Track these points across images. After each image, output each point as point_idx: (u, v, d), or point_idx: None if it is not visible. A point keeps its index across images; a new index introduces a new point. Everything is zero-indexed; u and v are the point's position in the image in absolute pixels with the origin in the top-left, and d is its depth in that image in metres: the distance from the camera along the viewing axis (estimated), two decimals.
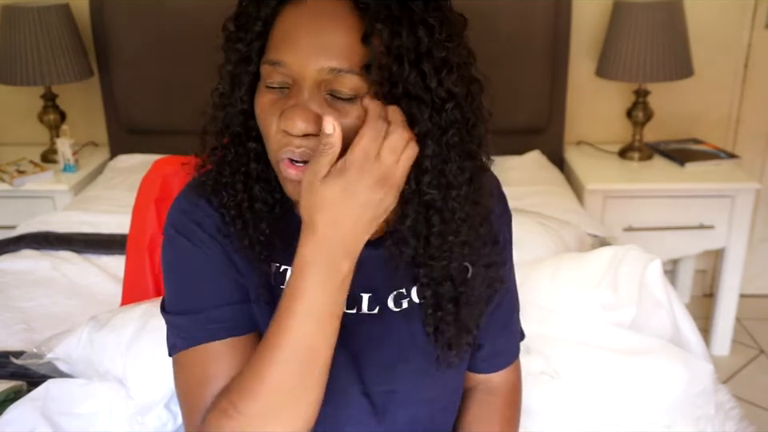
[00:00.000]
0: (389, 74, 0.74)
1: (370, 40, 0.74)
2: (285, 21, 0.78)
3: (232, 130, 0.85)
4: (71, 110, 2.62)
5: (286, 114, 0.76)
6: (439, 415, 0.98)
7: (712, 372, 1.36)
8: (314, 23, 0.76)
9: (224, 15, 0.84)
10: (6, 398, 1.32)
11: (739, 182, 2.38)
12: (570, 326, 1.42)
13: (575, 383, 1.31)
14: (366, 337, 0.90)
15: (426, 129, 0.77)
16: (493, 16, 2.44)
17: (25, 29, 2.34)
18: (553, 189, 2.37)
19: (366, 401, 0.91)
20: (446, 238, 0.83)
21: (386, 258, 0.86)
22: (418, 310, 0.91)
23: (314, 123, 0.75)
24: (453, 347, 0.90)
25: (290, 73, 0.77)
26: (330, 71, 0.75)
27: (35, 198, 2.41)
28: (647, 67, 2.35)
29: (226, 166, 0.86)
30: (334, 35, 0.75)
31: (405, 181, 0.77)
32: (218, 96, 0.85)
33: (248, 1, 0.81)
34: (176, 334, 0.87)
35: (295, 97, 0.76)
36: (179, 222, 0.88)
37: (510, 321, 1.05)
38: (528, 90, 2.53)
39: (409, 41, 0.74)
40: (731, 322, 2.55)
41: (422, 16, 0.75)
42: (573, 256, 1.63)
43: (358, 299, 0.90)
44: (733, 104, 2.71)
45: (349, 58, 0.75)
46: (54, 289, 1.80)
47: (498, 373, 1.05)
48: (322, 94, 0.76)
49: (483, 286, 0.90)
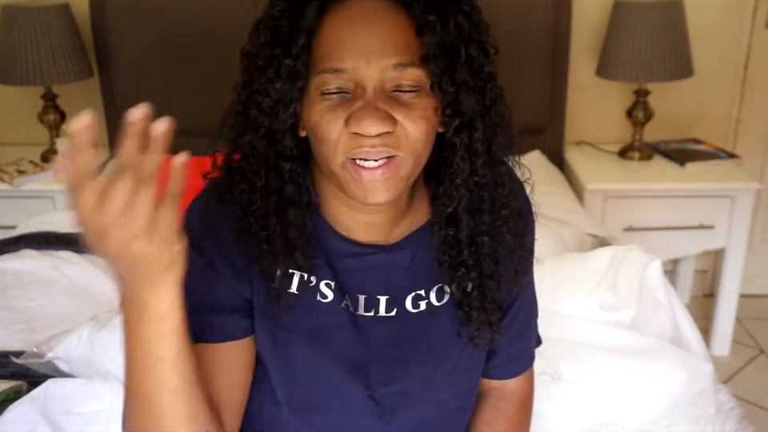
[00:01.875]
0: (444, 63, 0.77)
1: (424, 32, 0.76)
2: (332, 28, 0.77)
3: (261, 152, 0.82)
4: (71, 110, 2.62)
5: (358, 116, 0.75)
6: (451, 417, 0.98)
7: (712, 372, 1.36)
8: (368, 24, 0.76)
9: (224, 15, 0.83)
10: (6, 398, 1.32)
11: (739, 182, 2.38)
12: (570, 326, 1.42)
13: (575, 383, 1.31)
14: (382, 338, 0.89)
15: (474, 111, 0.80)
16: (493, 16, 2.41)
17: (25, 29, 2.34)
18: (553, 189, 2.37)
19: (376, 401, 0.90)
20: (499, 213, 0.85)
21: (432, 248, 0.88)
22: (437, 311, 0.91)
23: (388, 121, 0.76)
24: (482, 335, 0.91)
25: (352, 77, 0.76)
26: (394, 67, 0.76)
27: (35, 197, 2.41)
28: (647, 67, 2.35)
29: (256, 194, 0.83)
30: (390, 33, 0.76)
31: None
32: (251, 116, 0.81)
33: (280, 14, 0.78)
34: None
35: (361, 98, 0.76)
36: (197, 230, 0.85)
37: (527, 328, 1.04)
38: (528, 89, 2.52)
39: (455, 29, 0.77)
40: (731, 322, 2.55)
41: (458, 4, 0.78)
42: (573, 256, 1.63)
43: (375, 302, 0.89)
44: (733, 104, 2.71)
45: (408, 52, 0.76)
46: (53, 289, 1.80)
47: (511, 380, 1.04)
48: (386, 93, 0.77)
49: (520, 261, 0.91)
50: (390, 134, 0.77)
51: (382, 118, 0.75)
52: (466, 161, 0.82)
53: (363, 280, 0.89)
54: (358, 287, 0.89)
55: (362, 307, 0.89)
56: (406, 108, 0.77)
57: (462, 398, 0.99)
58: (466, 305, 0.89)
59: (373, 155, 0.77)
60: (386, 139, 0.77)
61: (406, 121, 0.77)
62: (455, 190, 0.84)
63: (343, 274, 0.88)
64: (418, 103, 0.78)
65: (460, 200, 0.84)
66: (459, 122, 0.80)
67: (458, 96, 0.78)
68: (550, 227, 1.89)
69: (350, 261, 0.89)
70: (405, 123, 0.77)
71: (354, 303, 0.89)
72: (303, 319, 0.87)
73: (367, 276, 0.89)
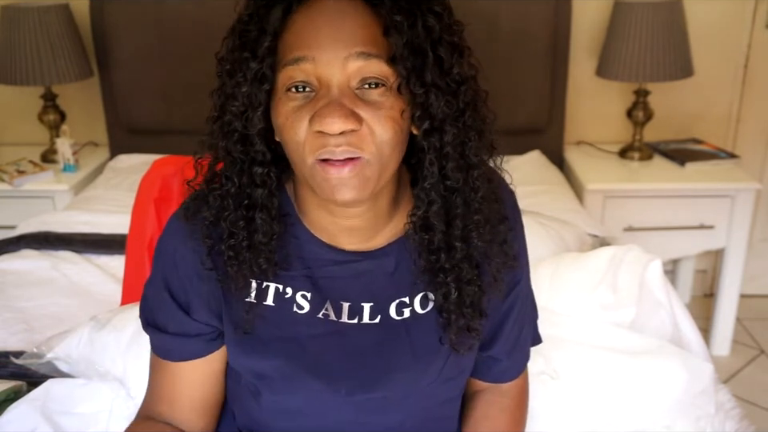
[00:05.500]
0: (412, 64, 0.75)
1: (391, 32, 0.75)
2: (297, 24, 0.77)
3: (235, 156, 0.82)
4: (71, 110, 2.62)
5: (321, 113, 0.74)
6: (433, 425, 0.97)
7: (712, 372, 1.36)
8: (333, 19, 0.75)
9: (224, 15, 0.84)
10: (6, 398, 1.32)
11: (739, 182, 2.38)
12: (570, 326, 1.42)
13: (575, 383, 1.31)
14: (366, 346, 0.89)
15: (444, 114, 0.78)
16: (493, 16, 2.44)
17: (25, 29, 2.34)
18: (553, 189, 2.37)
19: (355, 405, 0.90)
20: (471, 218, 0.83)
21: (398, 260, 0.88)
22: (422, 318, 0.90)
23: (352, 118, 0.74)
24: (464, 341, 0.90)
25: (316, 70, 0.75)
26: (358, 56, 0.74)
27: (35, 197, 2.41)
28: (647, 67, 2.35)
29: (229, 199, 0.83)
30: (356, 26, 0.75)
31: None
32: (225, 121, 0.81)
33: (248, 18, 0.79)
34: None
35: (325, 96, 0.75)
36: (164, 250, 0.91)
37: (526, 333, 1.04)
38: (528, 89, 2.53)
39: (424, 30, 0.75)
40: (731, 322, 2.55)
41: (428, 5, 0.77)
42: (573, 256, 1.63)
43: (359, 309, 0.89)
44: (733, 104, 2.71)
45: (374, 44, 0.75)
46: (53, 289, 1.80)
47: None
48: (351, 90, 0.75)
49: (499, 267, 0.89)
50: (354, 132, 0.75)
51: (346, 115, 0.74)
52: (435, 165, 0.80)
53: (347, 287, 0.89)
54: (341, 295, 0.89)
55: (346, 314, 0.89)
56: (373, 107, 0.76)
57: (445, 407, 0.98)
58: (445, 310, 0.88)
59: (337, 154, 0.75)
60: (351, 138, 0.75)
61: (372, 120, 0.76)
62: (425, 194, 0.82)
63: (326, 282, 0.88)
64: (385, 102, 0.76)
65: (431, 204, 0.82)
66: (429, 125, 0.78)
67: (428, 98, 0.77)
68: (549, 227, 1.89)
69: (333, 268, 0.88)
70: (371, 123, 0.76)
71: (338, 311, 0.88)
72: (279, 331, 0.88)
73: (351, 283, 0.89)
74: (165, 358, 0.92)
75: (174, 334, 0.90)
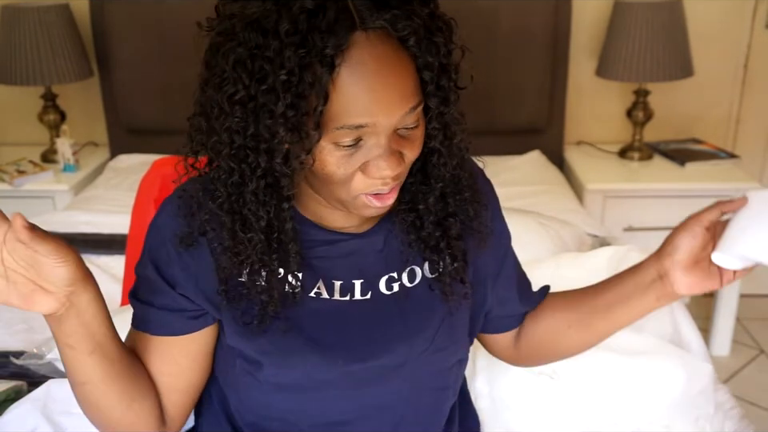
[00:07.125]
0: (441, 96, 0.80)
1: (425, 74, 0.78)
2: (346, 86, 0.74)
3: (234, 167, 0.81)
4: (71, 110, 2.62)
5: (378, 165, 0.78)
6: (428, 395, 1.00)
7: (711, 372, 1.36)
8: (384, 76, 0.75)
9: None
10: (6, 398, 1.32)
11: (739, 182, 2.38)
12: None
13: (574, 383, 1.31)
14: (360, 319, 0.92)
15: (452, 118, 0.84)
16: (493, 16, 2.44)
17: (25, 29, 2.34)
18: (553, 189, 2.37)
19: (352, 375, 0.92)
20: (455, 198, 0.91)
21: (387, 239, 0.93)
22: (410, 292, 0.94)
23: (401, 160, 0.80)
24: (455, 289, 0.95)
25: (374, 130, 0.77)
26: (407, 113, 0.78)
27: (35, 197, 2.41)
28: (647, 67, 2.35)
29: (225, 186, 0.83)
30: (404, 79, 0.77)
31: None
32: (243, 155, 0.80)
33: (287, 76, 0.73)
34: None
35: (376, 145, 0.78)
36: (155, 226, 0.92)
37: (525, 281, 1.10)
38: (528, 89, 2.53)
39: (438, 53, 0.78)
40: (731, 322, 2.55)
41: (435, 23, 0.78)
42: (572, 256, 1.64)
43: (351, 287, 0.92)
44: (733, 104, 2.71)
45: (418, 92, 0.79)
46: None
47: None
48: (395, 134, 0.79)
49: (480, 228, 0.96)
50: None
51: (399, 163, 0.79)
52: (444, 165, 0.87)
53: (338, 266, 0.92)
54: (333, 273, 0.92)
55: (338, 292, 0.92)
56: (410, 142, 0.81)
57: (439, 378, 1.00)
58: (439, 281, 0.94)
59: (386, 190, 0.82)
60: (398, 173, 0.80)
61: (410, 154, 0.82)
62: (423, 185, 0.89)
63: (318, 261, 0.91)
64: (417, 133, 0.81)
65: (428, 196, 0.89)
66: (443, 135, 0.84)
67: (446, 113, 0.83)
68: (549, 227, 1.89)
69: (324, 248, 0.91)
70: (410, 156, 0.82)
71: (330, 289, 0.92)
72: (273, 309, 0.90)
73: (342, 262, 0.92)
74: (144, 331, 0.92)
75: (157, 307, 0.91)
